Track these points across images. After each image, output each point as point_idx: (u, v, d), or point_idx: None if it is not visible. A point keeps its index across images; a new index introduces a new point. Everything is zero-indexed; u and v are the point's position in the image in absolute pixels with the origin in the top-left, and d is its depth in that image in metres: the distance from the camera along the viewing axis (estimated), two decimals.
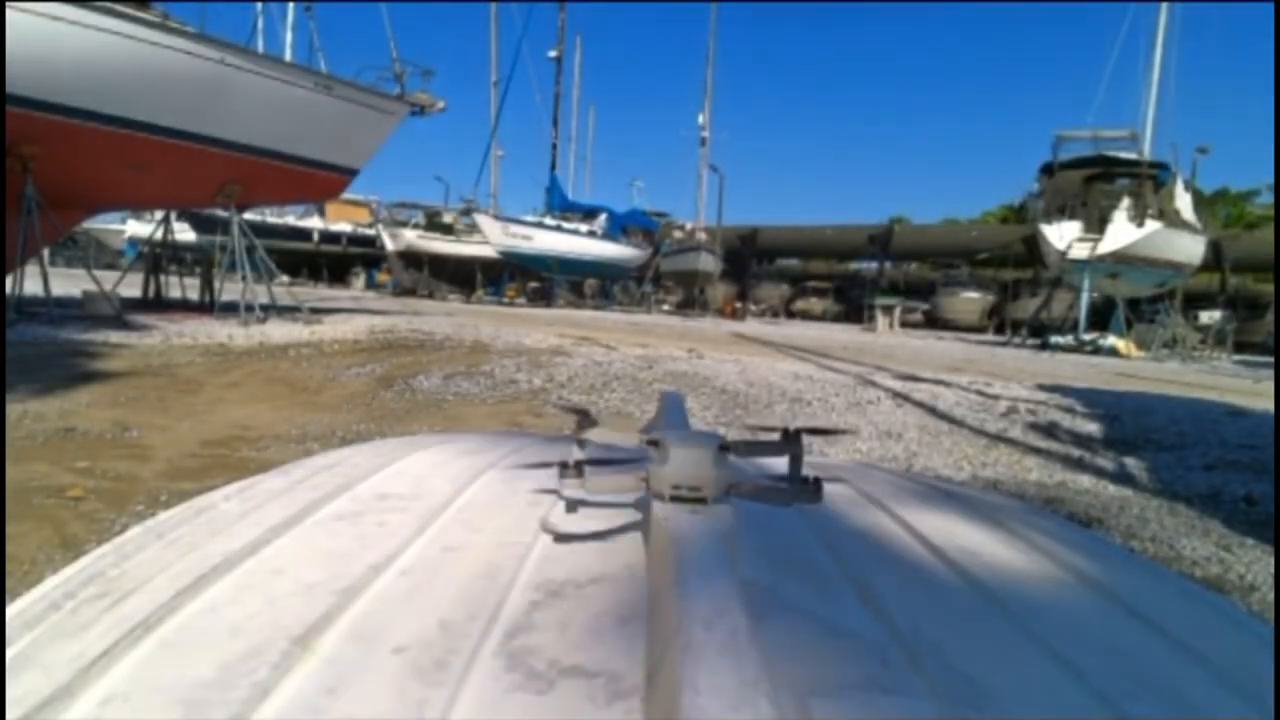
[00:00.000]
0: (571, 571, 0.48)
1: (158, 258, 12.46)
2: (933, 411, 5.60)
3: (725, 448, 0.51)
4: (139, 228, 26.02)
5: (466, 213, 27.53)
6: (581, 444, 0.61)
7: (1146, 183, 20.20)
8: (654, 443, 0.52)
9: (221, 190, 10.26)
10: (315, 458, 0.86)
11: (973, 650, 0.42)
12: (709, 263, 29.67)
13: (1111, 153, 20.82)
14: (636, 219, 33.05)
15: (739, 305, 30.63)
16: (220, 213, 12.01)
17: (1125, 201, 19.78)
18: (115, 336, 7.19)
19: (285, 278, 14.47)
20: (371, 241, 30.91)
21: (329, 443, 3.62)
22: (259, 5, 12.08)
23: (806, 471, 0.57)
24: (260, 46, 11.31)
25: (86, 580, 0.52)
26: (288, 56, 11.83)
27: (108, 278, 11.61)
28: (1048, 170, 21.22)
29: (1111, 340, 18.23)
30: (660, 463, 0.50)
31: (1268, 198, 37.14)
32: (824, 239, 37.65)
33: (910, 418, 5.26)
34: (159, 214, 13.14)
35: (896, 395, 6.27)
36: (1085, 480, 3.73)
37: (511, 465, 0.76)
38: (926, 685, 0.38)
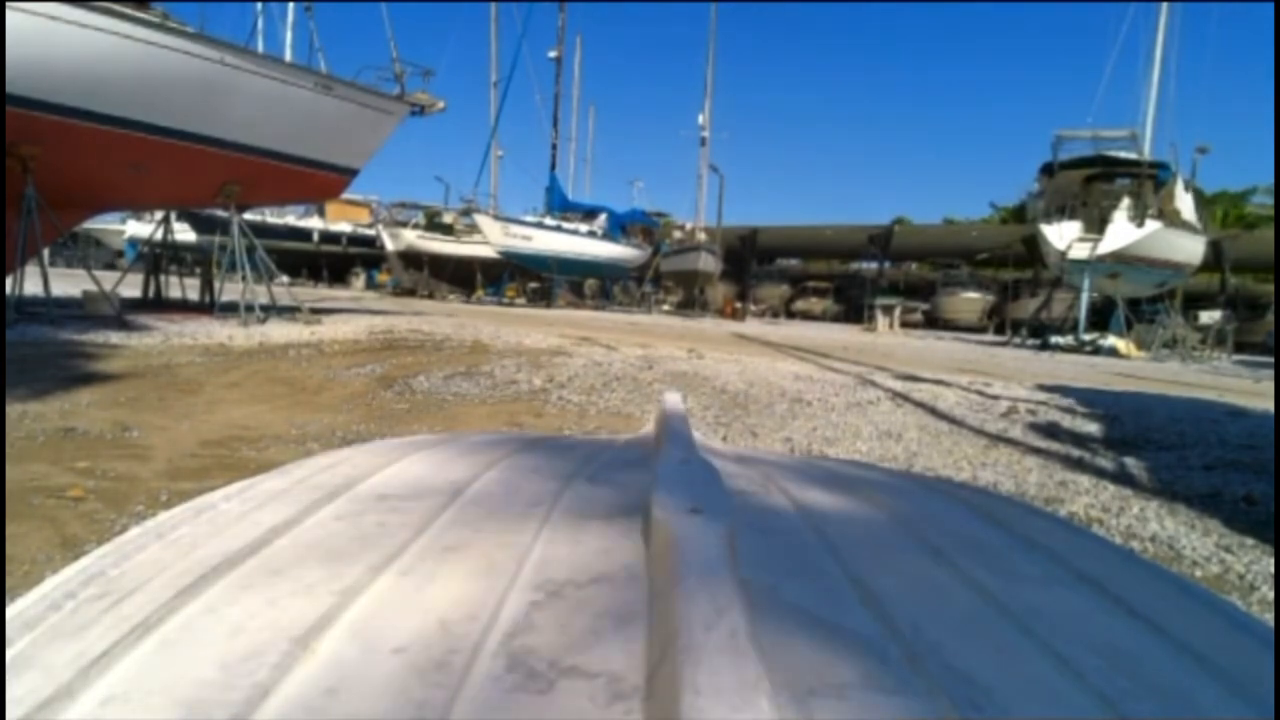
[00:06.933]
0: (571, 571, 0.48)
1: (158, 258, 12.45)
2: (933, 412, 5.60)
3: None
4: (139, 228, 26.01)
5: (466, 213, 27.51)
6: (582, 445, 0.61)
7: (1146, 183, 20.20)
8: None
9: (221, 190, 10.26)
10: (315, 458, 0.86)
11: (973, 650, 0.42)
12: (709, 263, 29.66)
13: (1111, 153, 20.82)
14: (636, 219, 33.05)
15: (739, 305, 30.62)
16: (220, 213, 12.01)
17: (1125, 201, 19.78)
18: (115, 337, 7.19)
19: (285, 278, 14.45)
20: (371, 241, 30.88)
21: (329, 443, 3.62)
22: (259, 5, 12.08)
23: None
24: (260, 46, 11.31)
25: (86, 580, 0.52)
26: (288, 56, 11.83)
27: (108, 278, 11.60)
28: (1048, 170, 21.22)
29: (1111, 340, 18.23)
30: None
31: (1263, 199, 37.14)
32: (824, 239, 37.64)
33: (910, 418, 5.26)
34: (159, 214, 13.14)
35: (896, 395, 6.27)
36: (1085, 480, 3.73)
37: (511, 465, 0.76)
38: (926, 685, 0.38)
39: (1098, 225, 19.53)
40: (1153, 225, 19.36)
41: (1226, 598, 1.56)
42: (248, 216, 14.03)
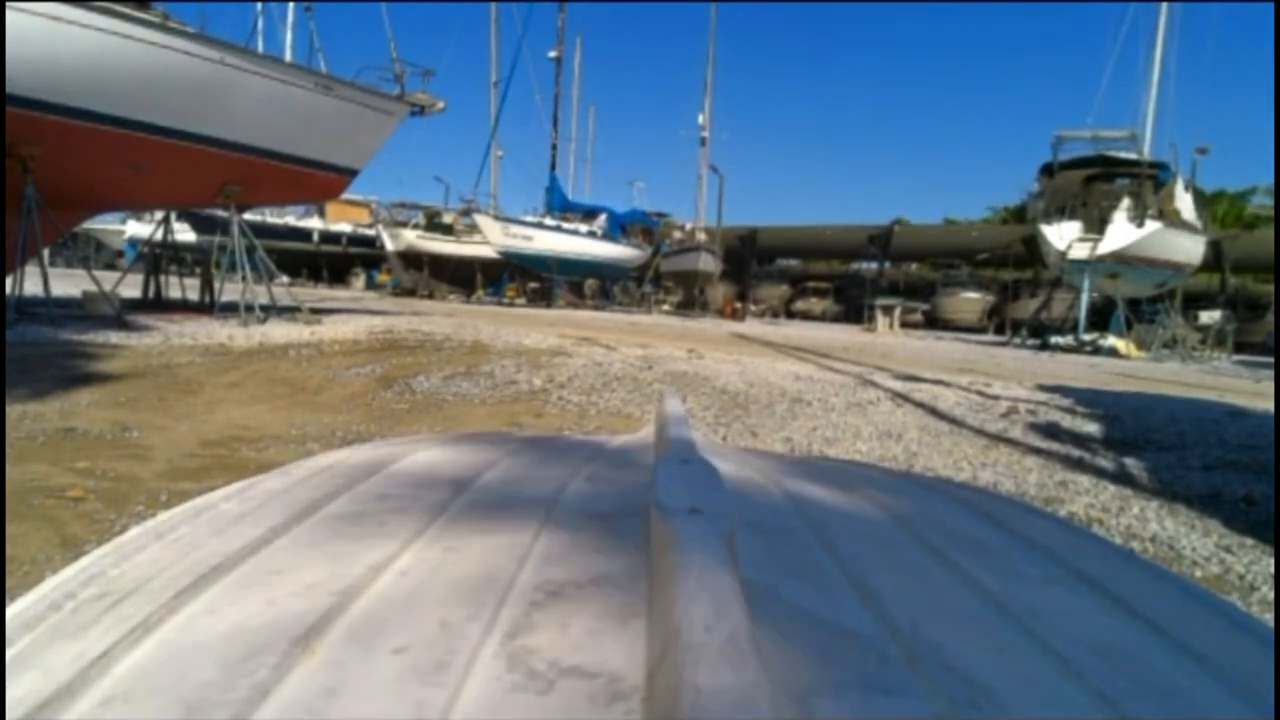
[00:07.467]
0: (571, 571, 0.48)
1: (158, 258, 12.45)
2: (933, 412, 5.60)
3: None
4: (139, 228, 26.03)
5: (466, 213, 27.51)
6: (582, 445, 0.61)
7: (1146, 183, 20.20)
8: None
9: (221, 190, 10.26)
10: (315, 458, 0.86)
11: (973, 650, 0.42)
12: (709, 263, 29.66)
13: (1111, 153, 20.82)
14: (636, 219, 33.05)
15: (739, 305, 30.61)
16: (220, 213, 12.01)
17: (1125, 202, 19.78)
18: (115, 337, 7.19)
19: (285, 278, 14.45)
20: (371, 241, 30.88)
21: (329, 443, 3.62)
22: (259, 5, 12.09)
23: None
24: (260, 46, 11.32)
25: (86, 580, 0.52)
26: (288, 56, 11.83)
27: (108, 278, 11.61)
28: (1048, 170, 21.22)
29: (1111, 340, 18.23)
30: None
31: (1263, 199, 37.16)
32: (824, 239, 37.65)
33: (910, 418, 5.26)
34: (159, 214, 13.15)
35: (896, 396, 6.27)
36: (1085, 480, 3.73)
37: (511, 465, 0.76)
38: (926, 685, 0.38)
39: (1098, 225, 19.53)
40: (1153, 225, 19.37)
41: (1226, 598, 1.56)
42: (248, 216, 14.03)
